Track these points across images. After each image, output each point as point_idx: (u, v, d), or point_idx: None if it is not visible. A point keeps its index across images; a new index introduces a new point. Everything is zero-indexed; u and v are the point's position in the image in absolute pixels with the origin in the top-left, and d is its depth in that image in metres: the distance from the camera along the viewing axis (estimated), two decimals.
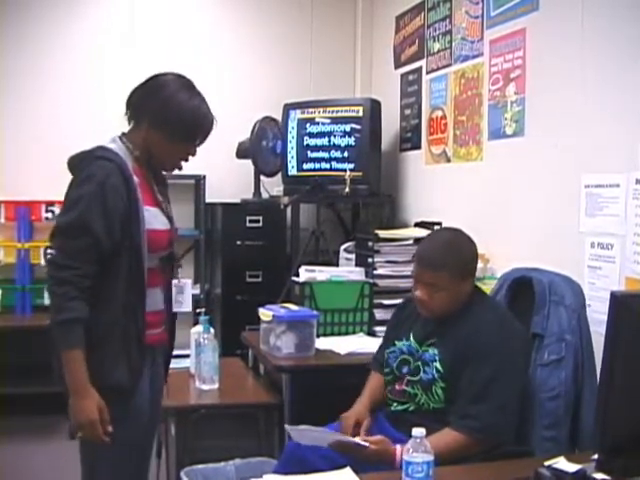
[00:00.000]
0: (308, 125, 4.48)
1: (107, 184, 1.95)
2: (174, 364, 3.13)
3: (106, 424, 1.92)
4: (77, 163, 2.02)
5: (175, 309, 2.21)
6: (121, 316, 1.97)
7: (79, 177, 1.98)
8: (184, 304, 2.21)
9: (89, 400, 1.90)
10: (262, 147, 4.61)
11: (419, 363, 2.24)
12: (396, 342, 2.37)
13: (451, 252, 2.25)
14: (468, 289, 2.28)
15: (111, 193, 1.95)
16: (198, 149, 2.18)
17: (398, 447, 2.00)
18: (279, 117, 4.59)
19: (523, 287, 2.47)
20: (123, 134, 2.12)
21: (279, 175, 4.65)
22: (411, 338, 2.31)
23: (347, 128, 4.34)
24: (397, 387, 2.29)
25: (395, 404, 2.29)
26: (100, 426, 1.91)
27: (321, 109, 4.46)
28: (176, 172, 2.27)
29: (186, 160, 2.17)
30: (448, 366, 2.17)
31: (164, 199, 2.18)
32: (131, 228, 1.98)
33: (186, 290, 2.21)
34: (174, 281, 2.20)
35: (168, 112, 2.06)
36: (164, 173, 2.27)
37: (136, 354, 2.01)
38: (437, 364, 2.19)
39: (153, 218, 2.07)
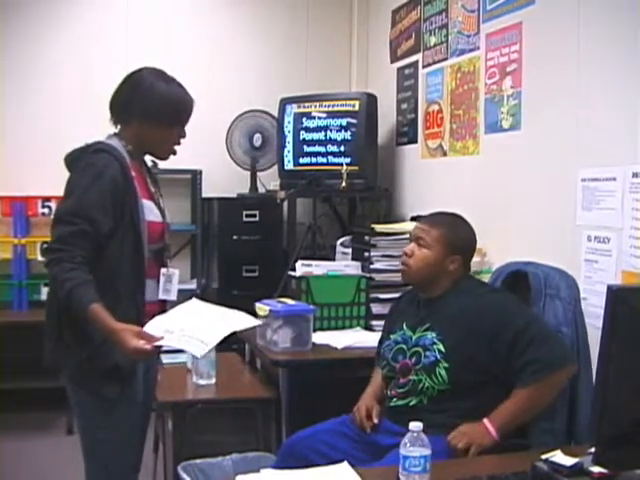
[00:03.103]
0: (304, 119, 4.47)
1: (105, 174, 2.01)
2: (171, 359, 3.15)
3: (150, 338, 1.90)
4: (75, 157, 2.08)
5: (163, 297, 2.21)
6: (122, 301, 2.01)
7: (78, 167, 2.04)
8: (172, 292, 2.22)
9: (121, 334, 1.88)
10: (236, 141, 4.60)
11: (418, 349, 2.26)
12: (391, 335, 2.41)
13: (450, 222, 2.42)
14: (452, 269, 2.34)
15: (108, 182, 2.01)
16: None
17: (485, 421, 2.11)
18: (275, 112, 4.58)
19: (519, 281, 2.47)
20: (115, 134, 2.18)
21: (276, 169, 4.65)
22: (404, 327, 2.35)
23: (343, 122, 4.33)
24: (402, 380, 2.28)
25: (395, 399, 2.29)
26: (145, 346, 1.87)
27: (317, 103, 4.45)
28: (173, 167, 2.29)
29: (178, 143, 2.23)
30: (451, 345, 2.20)
31: (156, 191, 2.24)
32: (132, 217, 2.04)
33: (174, 279, 2.23)
34: (162, 270, 2.20)
35: (153, 103, 2.13)
36: (158, 169, 2.31)
37: None
38: (439, 346, 2.22)
39: (148, 211, 2.13)
